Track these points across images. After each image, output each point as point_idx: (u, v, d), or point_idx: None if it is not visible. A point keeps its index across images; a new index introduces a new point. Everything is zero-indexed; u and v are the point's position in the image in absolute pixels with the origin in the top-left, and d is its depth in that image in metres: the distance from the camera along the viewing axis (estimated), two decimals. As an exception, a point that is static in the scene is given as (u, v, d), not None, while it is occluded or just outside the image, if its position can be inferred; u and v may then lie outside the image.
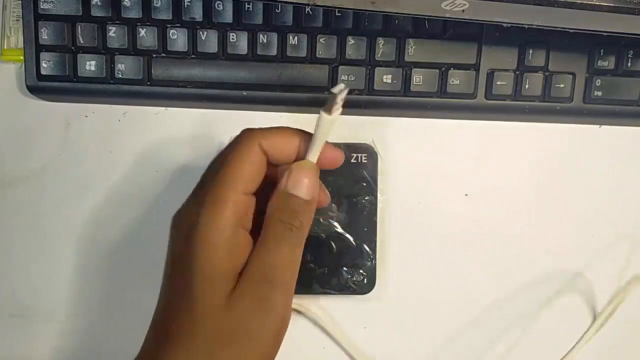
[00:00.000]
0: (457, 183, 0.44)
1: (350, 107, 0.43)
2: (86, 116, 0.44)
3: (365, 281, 0.42)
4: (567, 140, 0.44)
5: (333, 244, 0.41)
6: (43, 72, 0.42)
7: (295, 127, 0.33)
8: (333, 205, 0.41)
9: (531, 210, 0.44)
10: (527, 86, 0.42)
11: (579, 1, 0.31)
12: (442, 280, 0.44)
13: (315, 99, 0.42)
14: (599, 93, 0.42)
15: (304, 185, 0.32)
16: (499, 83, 0.42)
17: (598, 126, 0.45)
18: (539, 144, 0.44)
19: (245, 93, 0.42)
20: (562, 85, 0.42)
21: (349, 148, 0.41)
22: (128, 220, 0.45)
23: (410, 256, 0.44)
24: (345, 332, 0.44)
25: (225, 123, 0.44)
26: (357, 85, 0.42)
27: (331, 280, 0.42)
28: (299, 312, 0.44)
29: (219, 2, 0.41)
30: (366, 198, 0.41)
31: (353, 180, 0.41)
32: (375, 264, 0.42)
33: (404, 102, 0.42)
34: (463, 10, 0.32)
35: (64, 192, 0.44)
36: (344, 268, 0.41)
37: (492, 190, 0.44)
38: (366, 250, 0.42)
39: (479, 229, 0.44)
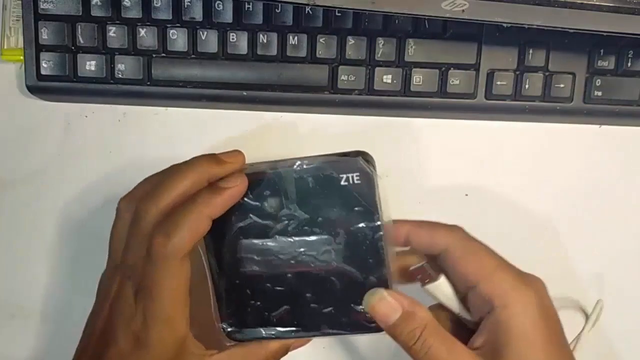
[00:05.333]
0: (457, 183, 0.44)
1: (351, 107, 0.43)
2: (86, 116, 0.44)
3: None
4: (567, 140, 0.44)
5: (335, 280, 0.35)
6: (43, 72, 0.42)
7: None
8: (328, 237, 0.34)
9: (531, 210, 0.44)
10: (527, 86, 0.42)
11: (579, 1, 0.31)
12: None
13: (315, 99, 0.42)
14: (599, 93, 0.42)
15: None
16: (499, 83, 0.42)
17: (598, 126, 0.45)
18: (539, 144, 0.44)
19: (245, 93, 0.42)
20: (562, 85, 0.42)
21: (335, 167, 0.33)
22: (128, 220, 0.45)
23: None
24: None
25: (225, 123, 0.44)
26: (357, 85, 0.42)
27: (341, 320, 0.35)
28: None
29: (219, 2, 0.41)
30: (365, 225, 0.34)
31: (346, 207, 0.34)
32: None
33: (404, 102, 0.42)
34: (463, 10, 0.32)
35: (64, 192, 0.44)
36: (353, 305, 0.35)
37: (492, 190, 0.44)
38: (374, 285, 0.34)
39: (478, 229, 0.44)
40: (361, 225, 0.34)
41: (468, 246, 0.34)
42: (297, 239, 0.34)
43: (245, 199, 0.34)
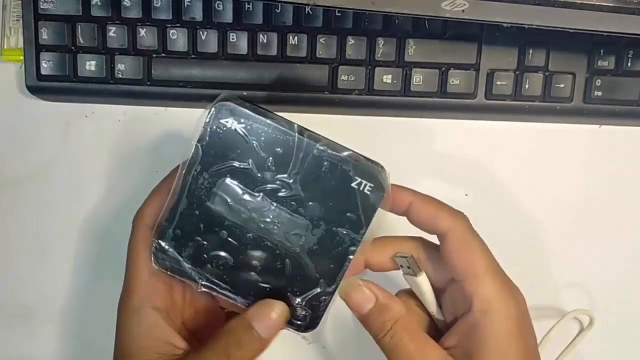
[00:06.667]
0: (457, 183, 0.44)
1: (351, 107, 0.43)
2: (86, 116, 0.44)
3: (307, 319, 0.34)
4: (567, 140, 0.44)
5: (288, 263, 0.34)
6: (43, 72, 0.42)
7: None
8: (307, 222, 0.33)
9: (530, 210, 0.44)
10: (527, 86, 0.42)
11: (579, 1, 0.31)
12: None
13: (316, 99, 0.42)
14: (599, 93, 0.42)
15: (267, 321, 0.33)
16: (499, 83, 0.42)
17: (598, 126, 0.45)
18: (539, 144, 0.44)
19: (245, 93, 0.42)
20: (562, 85, 0.42)
21: (356, 167, 0.32)
22: (128, 221, 0.44)
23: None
24: (346, 332, 0.44)
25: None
26: (357, 85, 0.42)
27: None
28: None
29: (219, 2, 0.41)
30: (348, 233, 0.33)
31: (342, 207, 0.33)
32: (326, 306, 0.34)
33: (404, 102, 0.42)
34: (463, 10, 0.32)
35: (64, 192, 0.44)
36: (290, 294, 0.34)
37: (492, 190, 0.44)
38: (323, 288, 0.34)
39: (478, 229, 0.44)
40: (344, 231, 0.33)
41: (466, 239, 0.33)
42: (278, 207, 0.33)
43: (255, 144, 0.32)
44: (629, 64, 0.42)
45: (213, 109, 0.32)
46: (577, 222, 0.44)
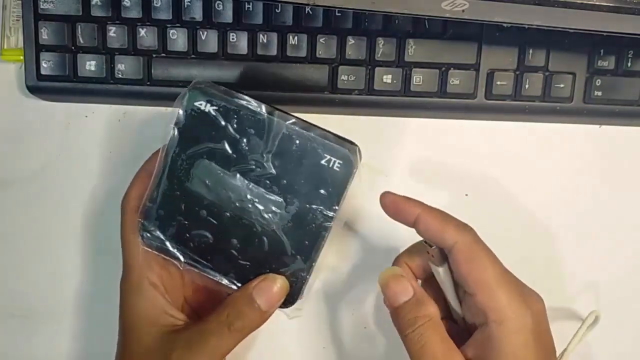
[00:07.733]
0: (457, 183, 0.44)
1: (351, 107, 0.43)
2: (86, 116, 0.44)
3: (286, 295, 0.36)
4: (567, 140, 0.44)
5: (266, 241, 0.35)
6: (43, 72, 0.42)
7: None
8: (281, 200, 0.34)
9: (531, 211, 0.44)
10: (527, 86, 0.42)
11: (579, 1, 0.31)
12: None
13: (316, 99, 0.42)
14: (599, 93, 0.42)
15: (269, 295, 0.34)
16: (499, 83, 0.42)
17: (598, 126, 0.45)
18: (539, 144, 0.44)
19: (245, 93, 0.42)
20: (562, 85, 0.42)
21: (324, 145, 0.34)
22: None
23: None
24: (346, 332, 0.44)
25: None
26: (357, 85, 0.42)
27: (250, 278, 0.35)
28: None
29: (219, 2, 0.41)
30: (321, 209, 0.34)
31: (313, 184, 0.34)
32: (303, 282, 0.35)
33: (404, 102, 0.42)
34: (463, 10, 0.33)
35: (64, 192, 0.44)
36: (268, 271, 0.35)
37: (492, 190, 0.44)
38: (299, 264, 0.35)
39: (478, 229, 0.44)
40: (317, 207, 0.34)
41: (474, 252, 0.33)
42: (253, 186, 0.34)
43: (229, 125, 0.34)
44: (629, 64, 0.42)
45: (187, 92, 0.34)
46: (577, 222, 0.44)
